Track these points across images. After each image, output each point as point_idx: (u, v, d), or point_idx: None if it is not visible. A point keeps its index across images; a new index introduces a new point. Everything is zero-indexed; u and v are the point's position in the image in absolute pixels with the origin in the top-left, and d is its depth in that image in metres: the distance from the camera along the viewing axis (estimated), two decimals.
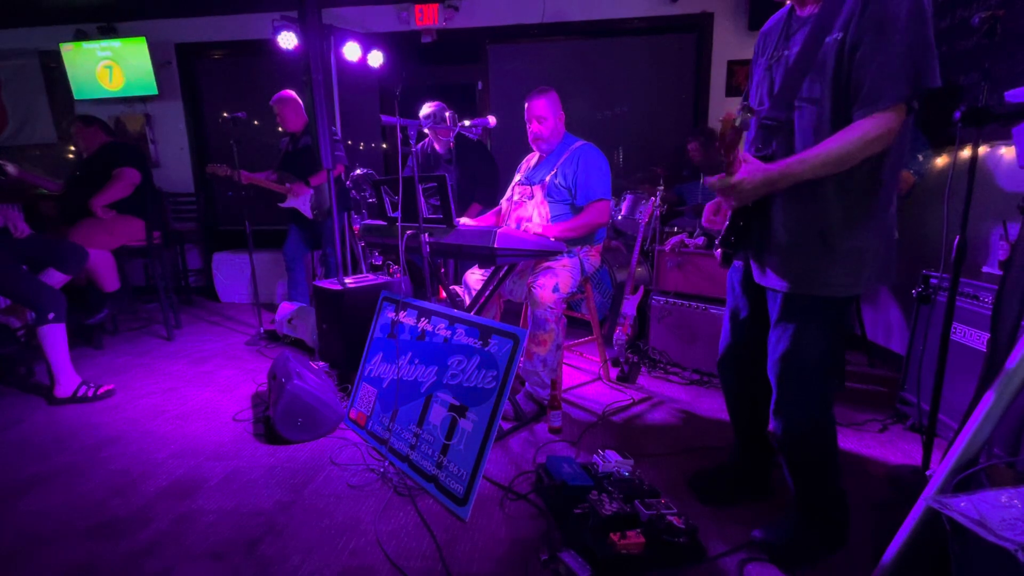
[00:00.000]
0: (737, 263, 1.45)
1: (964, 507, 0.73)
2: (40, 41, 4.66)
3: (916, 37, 1.05)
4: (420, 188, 2.00)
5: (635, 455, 1.73)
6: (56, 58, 4.56)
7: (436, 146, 3.25)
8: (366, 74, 3.85)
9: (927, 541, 0.94)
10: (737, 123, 1.10)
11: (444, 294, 2.40)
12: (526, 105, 2.27)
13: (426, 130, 3.05)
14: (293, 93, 3.38)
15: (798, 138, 1.21)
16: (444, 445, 1.66)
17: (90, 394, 2.38)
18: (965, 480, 0.88)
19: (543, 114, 2.23)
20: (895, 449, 1.92)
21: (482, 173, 3.32)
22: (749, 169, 1.15)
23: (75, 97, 4.62)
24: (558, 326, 2.08)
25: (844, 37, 1.11)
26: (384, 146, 4.79)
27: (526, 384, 2.18)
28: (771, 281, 1.28)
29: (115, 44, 4.48)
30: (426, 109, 3.04)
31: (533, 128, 2.27)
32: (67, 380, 2.38)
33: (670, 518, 1.37)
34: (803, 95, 1.19)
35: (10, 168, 3.07)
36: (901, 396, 2.14)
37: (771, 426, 1.36)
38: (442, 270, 2.92)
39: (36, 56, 4.71)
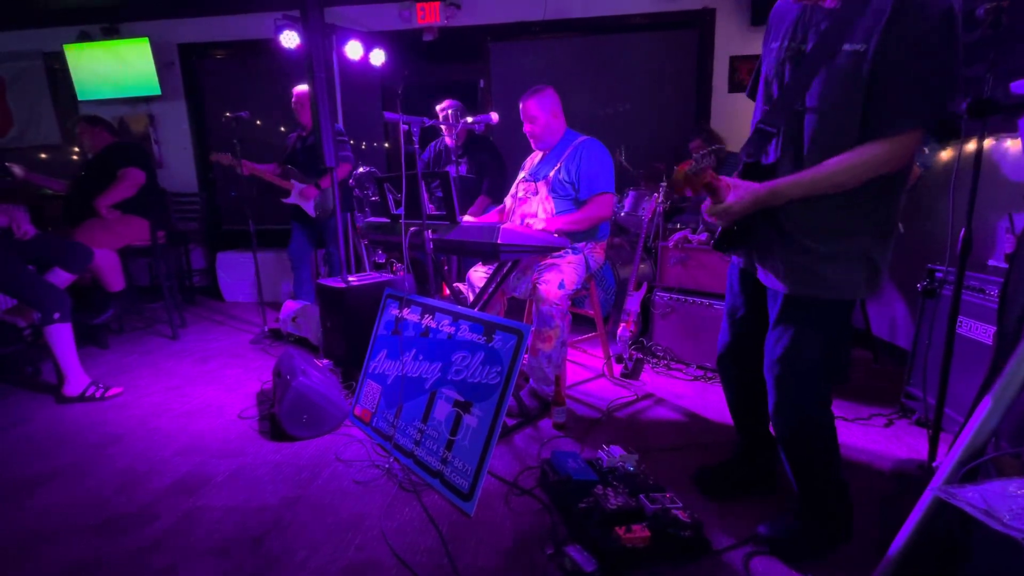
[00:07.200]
0: (736, 260, 1.44)
1: (972, 497, 0.73)
2: (44, 42, 4.69)
3: (945, 64, 1.00)
4: (423, 185, 2.00)
5: (640, 450, 1.72)
6: (60, 59, 4.58)
7: (447, 141, 3.30)
8: (368, 73, 3.86)
9: (934, 533, 0.94)
10: (690, 171, 1.08)
11: (448, 291, 2.40)
12: (520, 106, 2.31)
13: (442, 126, 3.13)
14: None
15: (807, 147, 1.15)
16: (449, 441, 1.66)
17: (98, 395, 2.39)
18: (972, 471, 0.88)
19: (534, 114, 2.28)
20: (901, 444, 1.91)
21: (489, 166, 3.36)
22: (737, 194, 1.15)
23: (79, 98, 4.64)
24: (563, 322, 2.08)
25: (866, 50, 1.04)
26: (387, 145, 4.80)
27: (530, 380, 2.18)
28: (772, 282, 1.26)
29: (118, 45, 4.50)
30: (440, 106, 3.13)
31: (526, 128, 2.34)
32: (76, 379, 2.39)
33: (675, 512, 1.37)
34: (812, 104, 1.13)
35: (16, 169, 3.09)
36: (907, 391, 2.13)
37: (771, 426, 1.36)
38: (445, 267, 2.93)
39: (40, 57, 4.73)
